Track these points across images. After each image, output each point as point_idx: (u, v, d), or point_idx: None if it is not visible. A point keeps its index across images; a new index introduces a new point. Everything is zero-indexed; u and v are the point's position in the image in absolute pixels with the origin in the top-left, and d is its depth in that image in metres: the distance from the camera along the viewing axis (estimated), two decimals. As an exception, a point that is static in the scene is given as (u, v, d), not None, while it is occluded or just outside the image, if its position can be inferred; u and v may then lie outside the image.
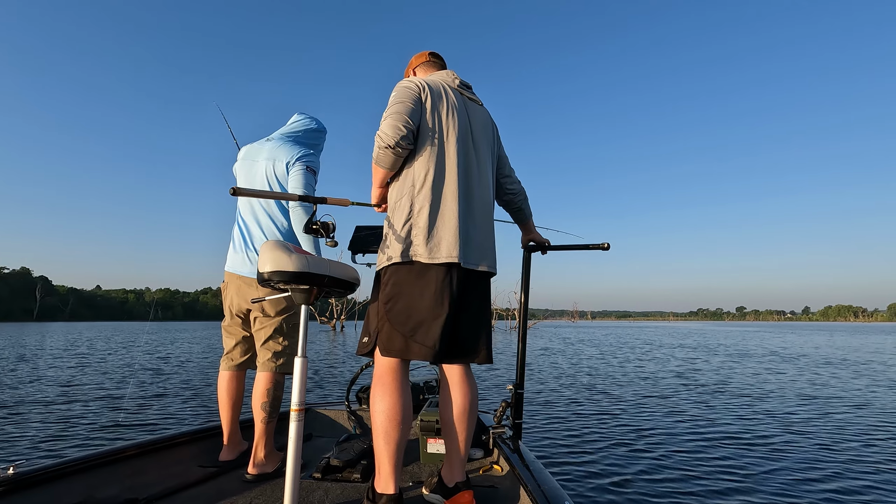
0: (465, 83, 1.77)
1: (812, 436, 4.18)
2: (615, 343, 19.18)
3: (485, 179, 1.69)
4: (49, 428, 4.33)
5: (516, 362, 2.12)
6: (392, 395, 1.50)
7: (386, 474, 1.50)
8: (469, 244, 1.57)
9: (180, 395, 6.23)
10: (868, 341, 22.17)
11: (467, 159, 1.63)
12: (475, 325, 1.62)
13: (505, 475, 1.94)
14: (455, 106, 1.64)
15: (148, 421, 4.68)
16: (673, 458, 3.50)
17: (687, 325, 76.52)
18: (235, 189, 1.34)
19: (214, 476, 1.94)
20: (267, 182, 2.12)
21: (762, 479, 3.07)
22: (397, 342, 1.52)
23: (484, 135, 1.72)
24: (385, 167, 1.57)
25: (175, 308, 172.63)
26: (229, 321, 2.15)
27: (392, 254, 1.54)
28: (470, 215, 1.59)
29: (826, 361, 11.19)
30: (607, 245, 2.13)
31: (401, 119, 1.51)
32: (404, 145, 1.52)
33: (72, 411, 5.10)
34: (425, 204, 1.53)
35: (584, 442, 3.92)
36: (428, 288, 1.50)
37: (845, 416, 5.01)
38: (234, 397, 2.10)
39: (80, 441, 3.90)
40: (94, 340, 20.58)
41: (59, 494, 1.57)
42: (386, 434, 1.48)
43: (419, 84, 1.62)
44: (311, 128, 2.31)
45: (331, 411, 2.75)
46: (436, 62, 1.88)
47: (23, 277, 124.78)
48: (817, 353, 14.13)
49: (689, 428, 4.40)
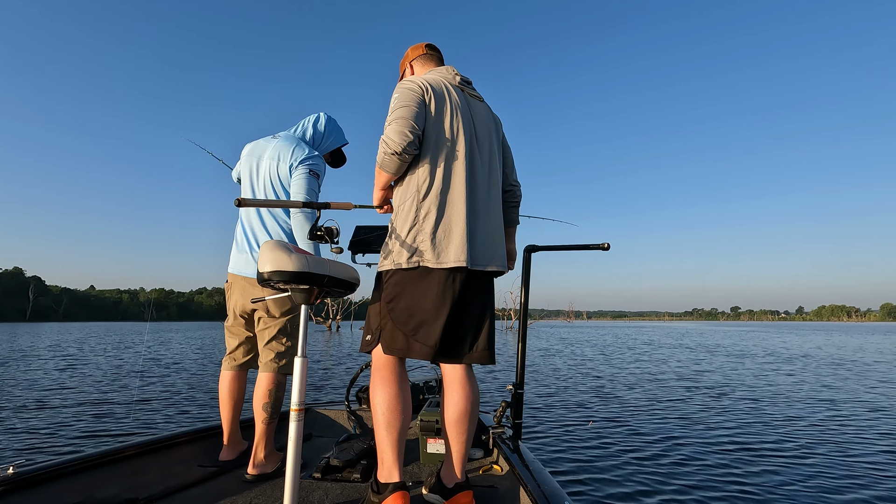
0: (465, 79, 1.75)
1: (813, 437, 4.20)
2: (614, 343, 19.20)
3: (493, 178, 1.68)
4: (44, 429, 4.30)
5: (516, 362, 2.12)
6: (392, 386, 1.53)
7: (389, 464, 1.51)
8: (477, 246, 1.56)
9: (177, 395, 6.20)
10: (869, 341, 22.08)
11: (472, 159, 1.62)
12: (478, 325, 1.62)
13: (505, 475, 1.95)
14: (458, 105, 1.63)
15: (150, 421, 4.66)
16: (673, 458, 3.51)
17: (684, 325, 76.65)
18: (241, 200, 1.34)
19: (214, 476, 1.94)
20: (270, 183, 2.10)
21: (762, 479, 3.08)
22: (399, 341, 1.52)
23: (487, 132, 1.71)
24: (390, 172, 1.57)
25: (170, 308, 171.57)
26: (232, 321, 2.14)
27: (398, 259, 1.54)
28: (477, 217, 1.59)
29: (833, 362, 11.00)
30: (607, 245, 2.13)
31: (407, 125, 1.50)
32: (411, 151, 1.51)
33: (63, 414, 5.06)
34: (432, 209, 1.52)
35: (584, 442, 3.92)
36: (431, 288, 1.51)
37: (860, 420, 4.89)
38: (235, 397, 2.10)
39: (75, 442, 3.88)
40: (85, 341, 20.44)
41: (59, 494, 1.57)
42: (388, 424, 1.50)
43: (422, 85, 1.60)
44: (318, 127, 2.27)
45: (331, 411, 2.75)
46: (433, 55, 1.83)
47: (15, 277, 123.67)
48: (821, 353, 14.05)
49: (689, 428, 4.42)
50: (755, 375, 8.49)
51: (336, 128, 2.34)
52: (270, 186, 2.10)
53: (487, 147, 1.69)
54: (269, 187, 2.10)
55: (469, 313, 1.60)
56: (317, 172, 2.11)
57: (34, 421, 4.63)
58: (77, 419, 4.72)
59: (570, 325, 73.57)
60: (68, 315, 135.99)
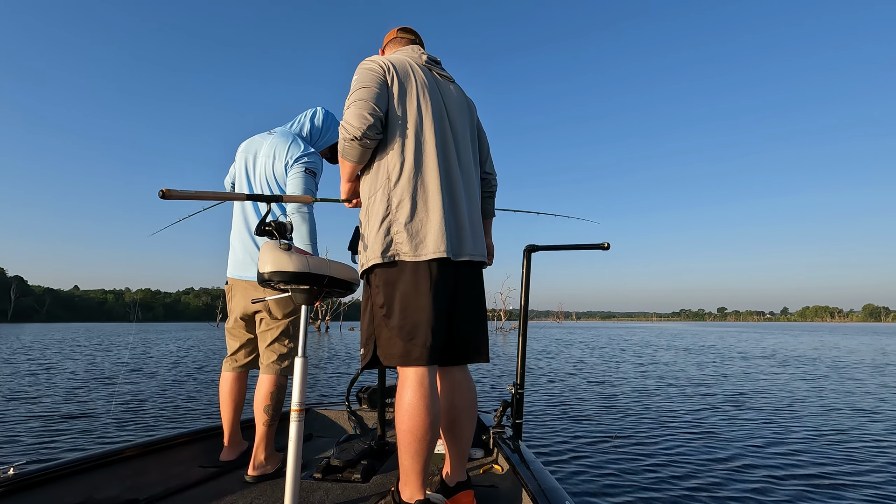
0: (433, 58, 1.64)
1: (804, 434, 4.26)
2: (608, 343, 19.21)
3: (466, 162, 1.57)
4: (43, 431, 4.22)
5: (517, 362, 2.13)
6: (421, 414, 1.38)
7: (413, 486, 1.43)
8: (456, 235, 1.47)
9: (154, 401, 6.12)
10: (858, 342, 22.06)
11: (444, 142, 1.51)
12: (473, 323, 1.56)
13: (505, 475, 1.95)
14: (425, 84, 1.51)
15: (141, 422, 4.60)
16: (673, 458, 3.53)
17: (673, 326, 76.83)
18: (164, 192, 1.26)
19: (215, 476, 1.93)
20: (266, 182, 2.06)
21: (762, 480, 3.08)
22: (396, 347, 1.42)
23: (460, 113, 1.59)
24: (353, 160, 1.47)
25: (156, 309, 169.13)
26: (233, 324, 2.12)
27: (372, 254, 1.43)
28: (454, 204, 1.48)
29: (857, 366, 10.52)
30: (607, 245, 2.10)
31: (366, 107, 1.39)
32: (372, 135, 1.41)
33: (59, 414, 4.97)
34: (405, 197, 1.42)
35: (584, 442, 3.93)
36: (421, 287, 1.41)
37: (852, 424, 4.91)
38: (237, 398, 2.09)
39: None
40: (63, 342, 20.08)
41: (59, 495, 1.56)
42: (415, 453, 1.39)
43: (383, 64, 1.48)
44: (316, 122, 2.23)
45: (331, 411, 2.75)
46: (404, 38, 1.72)
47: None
48: (823, 355, 13.75)
49: (688, 428, 4.44)
50: (757, 376, 8.57)
51: (334, 122, 2.30)
52: (266, 185, 2.06)
53: (461, 129, 1.58)
54: (266, 186, 2.06)
55: (461, 310, 1.53)
56: (313, 171, 2.06)
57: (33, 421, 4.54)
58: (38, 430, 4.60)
59: (560, 326, 73.81)
60: (52, 316, 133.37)
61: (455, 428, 1.59)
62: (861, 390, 6.95)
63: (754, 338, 26.70)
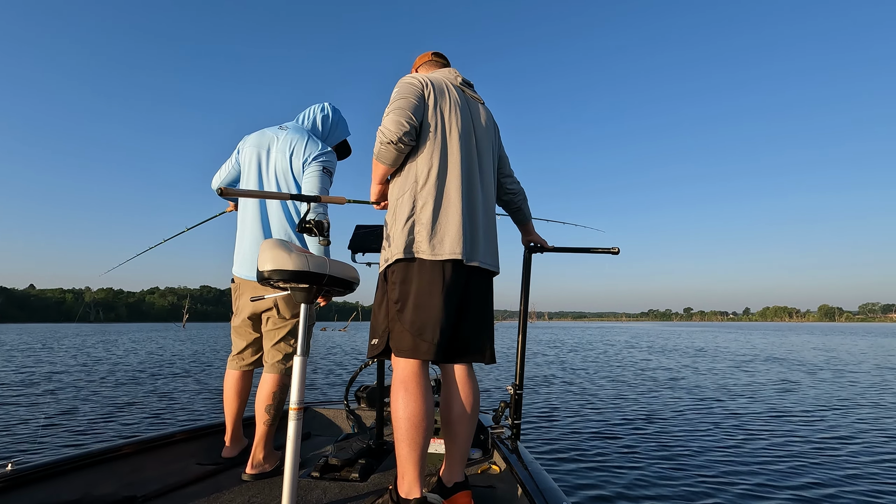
0: (466, 81, 1.78)
1: (801, 433, 4.35)
2: (592, 343, 19.07)
3: (487, 177, 1.70)
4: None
5: (516, 362, 2.14)
6: (416, 401, 1.46)
7: (411, 479, 1.47)
8: (471, 241, 1.57)
9: (152, 398, 5.94)
10: (825, 342, 22.22)
11: (469, 157, 1.63)
12: (479, 324, 1.62)
13: (503, 475, 1.97)
14: (458, 103, 1.65)
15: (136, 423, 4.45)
16: (671, 457, 3.55)
17: (643, 326, 77.71)
18: (223, 190, 1.31)
19: (213, 474, 1.92)
20: (283, 177, 2.03)
21: (762, 480, 3.09)
22: (406, 342, 1.50)
23: (486, 133, 1.73)
24: (386, 163, 1.57)
25: (119, 309, 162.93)
26: (240, 323, 2.09)
27: (395, 251, 1.52)
28: (472, 213, 1.59)
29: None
30: (617, 249, 2.10)
31: (404, 115, 1.51)
32: (407, 141, 1.52)
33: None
34: (429, 200, 1.52)
35: (582, 443, 3.95)
36: (435, 286, 1.49)
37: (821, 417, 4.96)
38: (242, 395, 2.07)
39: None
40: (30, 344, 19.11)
41: (57, 491, 1.54)
42: (411, 440, 1.45)
43: (422, 80, 1.62)
44: (326, 118, 2.23)
45: (329, 410, 2.75)
46: (439, 61, 1.89)
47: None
48: (830, 358, 13.00)
49: (686, 429, 4.48)
50: (747, 376, 8.69)
51: (342, 119, 2.31)
52: (283, 180, 2.03)
53: (485, 147, 1.71)
54: (282, 181, 2.03)
55: (471, 312, 1.60)
56: (330, 170, 2.07)
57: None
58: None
59: (533, 326, 74.44)
60: (5, 316, 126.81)
61: (455, 427, 1.61)
62: (870, 391, 6.84)
63: (730, 337, 26.99)
